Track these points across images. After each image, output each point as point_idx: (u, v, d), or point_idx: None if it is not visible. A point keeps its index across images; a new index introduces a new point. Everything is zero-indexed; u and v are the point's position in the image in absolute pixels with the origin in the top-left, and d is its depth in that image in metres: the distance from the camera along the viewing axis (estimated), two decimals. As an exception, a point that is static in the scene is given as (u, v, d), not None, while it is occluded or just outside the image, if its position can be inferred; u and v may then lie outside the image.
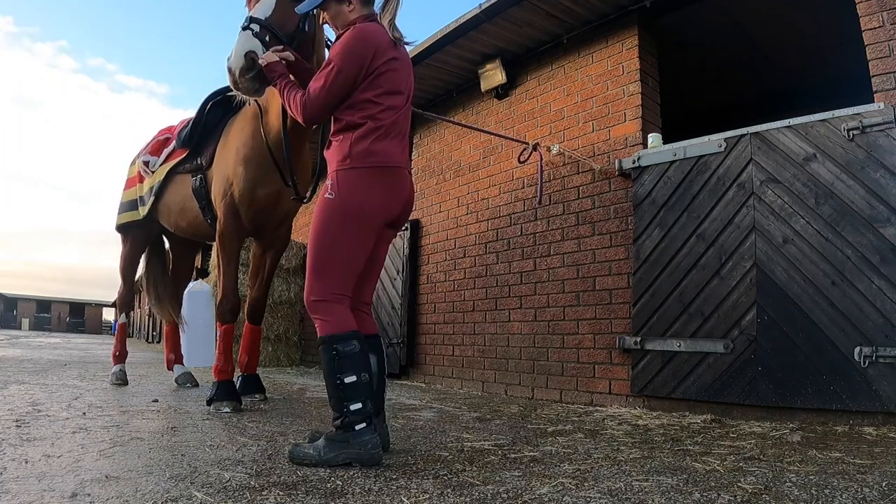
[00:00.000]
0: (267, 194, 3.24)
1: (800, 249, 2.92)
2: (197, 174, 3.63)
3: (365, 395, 1.97)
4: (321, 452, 1.91)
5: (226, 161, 3.37)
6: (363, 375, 1.98)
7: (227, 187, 3.30)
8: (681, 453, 2.15)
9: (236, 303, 3.36)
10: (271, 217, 3.40)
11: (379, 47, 2.09)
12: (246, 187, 3.21)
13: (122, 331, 4.64)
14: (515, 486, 1.67)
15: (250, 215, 3.30)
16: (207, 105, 3.69)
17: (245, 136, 3.28)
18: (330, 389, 2.01)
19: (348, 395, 1.95)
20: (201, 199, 3.61)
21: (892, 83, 2.81)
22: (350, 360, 1.97)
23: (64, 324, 46.77)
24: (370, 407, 1.98)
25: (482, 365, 4.59)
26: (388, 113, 2.11)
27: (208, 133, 3.66)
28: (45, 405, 3.15)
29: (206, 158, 3.58)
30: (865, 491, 1.58)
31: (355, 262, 2.09)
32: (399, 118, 2.17)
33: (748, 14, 4.18)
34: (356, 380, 1.96)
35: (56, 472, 1.74)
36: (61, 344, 14.18)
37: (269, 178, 3.20)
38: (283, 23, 2.51)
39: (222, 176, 3.37)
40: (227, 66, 2.42)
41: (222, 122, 3.62)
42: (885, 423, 2.58)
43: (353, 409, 1.93)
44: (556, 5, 3.88)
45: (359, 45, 2.07)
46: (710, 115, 5.72)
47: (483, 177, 4.87)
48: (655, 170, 3.55)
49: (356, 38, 2.08)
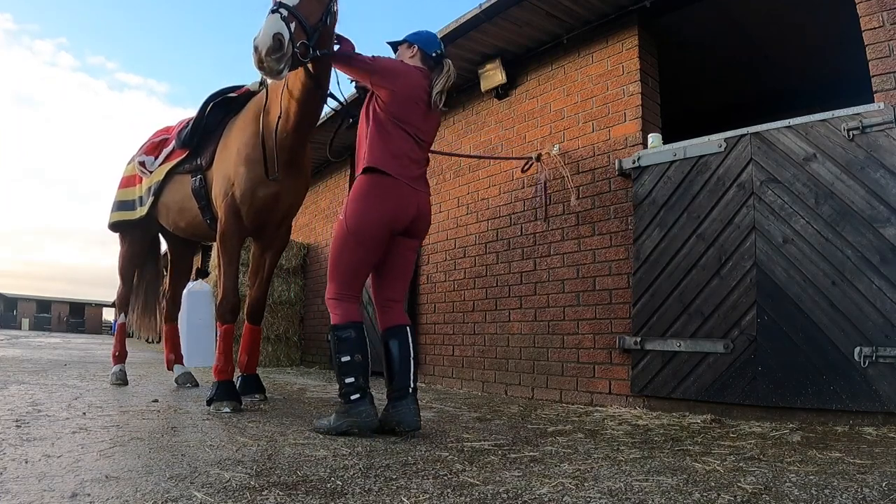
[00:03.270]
0: (267, 194, 3.26)
1: (800, 249, 2.92)
2: (196, 174, 3.65)
3: (358, 372, 2.44)
4: (331, 422, 2.46)
5: (227, 162, 3.38)
6: (356, 356, 2.46)
7: (229, 188, 3.31)
8: (681, 453, 2.15)
9: (236, 303, 3.37)
10: (271, 217, 3.41)
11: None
12: (247, 187, 3.23)
13: (122, 331, 4.64)
14: (515, 486, 1.67)
15: (251, 215, 3.31)
16: (208, 106, 3.70)
17: (247, 136, 3.29)
18: (334, 367, 2.54)
19: (344, 371, 2.46)
20: (201, 200, 3.63)
21: (892, 83, 2.80)
22: (346, 343, 2.47)
23: (64, 324, 46.74)
24: (363, 381, 2.44)
25: (482, 365, 4.59)
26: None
27: (209, 134, 3.68)
28: (45, 405, 3.15)
29: (206, 159, 3.60)
30: (865, 491, 1.58)
31: (357, 269, 2.56)
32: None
33: (748, 14, 4.18)
34: (350, 359, 2.45)
35: (56, 472, 1.74)
36: (61, 344, 14.18)
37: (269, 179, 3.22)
38: (308, 13, 2.57)
39: (223, 176, 3.38)
40: (255, 44, 2.45)
41: (223, 123, 3.63)
42: (885, 423, 2.58)
43: (348, 382, 2.43)
44: (556, 5, 3.88)
45: None
46: (710, 115, 5.72)
47: (483, 177, 4.87)
48: (655, 170, 3.55)
49: None
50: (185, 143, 3.76)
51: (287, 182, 3.28)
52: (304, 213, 8.16)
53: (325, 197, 7.51)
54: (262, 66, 2.47)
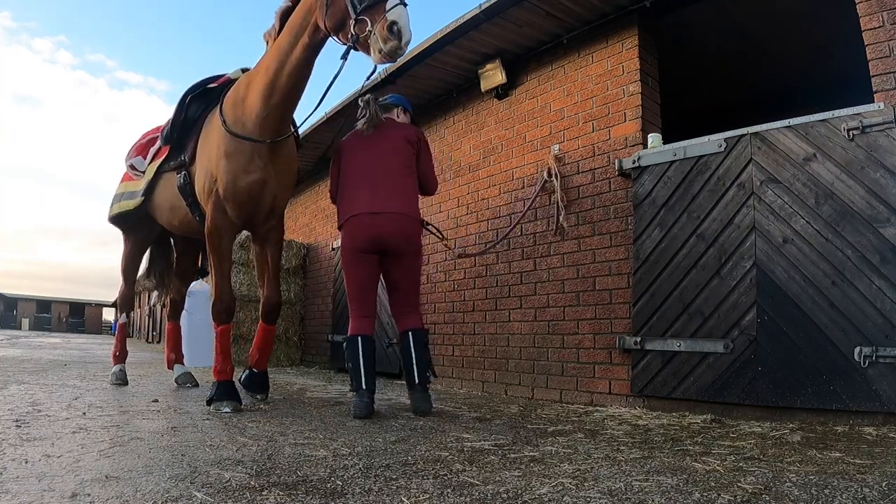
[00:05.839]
0: (252, 183, 3.18)
1: (800, 249, 2.92)
2: (181, 171, 3.57)
3: (352, 375, 3.08)
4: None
5: (208, 156, 3.30)
6: (348, 363, 3.12)
7: (212, 184, 3.23)
8: (681, 453, 2.15)
9: (231, 303, 3.32)
10: (258, 207, 3.31)
11: None
12: (230, 180, 3.15)
13: (123, 330, 4.61)
14: (515, 486, 1.67)
15: (237, 209, 3.23)
16: (187, 99, 3.61)
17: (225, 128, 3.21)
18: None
19: (350, 373, 3.11)
20: (187, 197, 3.54)
21: (892, 83, 2.80)
22: (350, 352, 3.12)
23: (64, 324, 46.74)
24: (356, 383, 3.05)
25: (482, 365, 4.59)
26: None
27: (189, 128, 3.59)
28: (45, 405, 3.15)
29: (189, 154, 3.51)
30: (865, 491, 1.58)
31: (357, 289, 3.22)
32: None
33: (748, 14, 4.18)
34: (351, 364, 3.10)
35: (56, 472, 1.74)
36: (61, 344, 14.18)
37: (252, 166, 3.16)
38: None
39: (205, 171, 3.29)
40: (398, 28, 2.57)
41: (203, 115, 3.54)
42: (885, 423, 2.58)
43: (352, 382, 3.09)
44: (556, 5, 3.88)
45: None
46: (710, 115, 5.72)
47: (483, 177, 4.87)
48: (655, 170, 3.55)
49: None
50: (166, 139, 3.69)
51: (271, 169, 3.21)
52: (304, 213, 8.16)
53: (324, 196, 7.51)
54: (398, 53, 2.62)
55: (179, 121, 3.62)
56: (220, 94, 3.45)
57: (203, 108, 3.58)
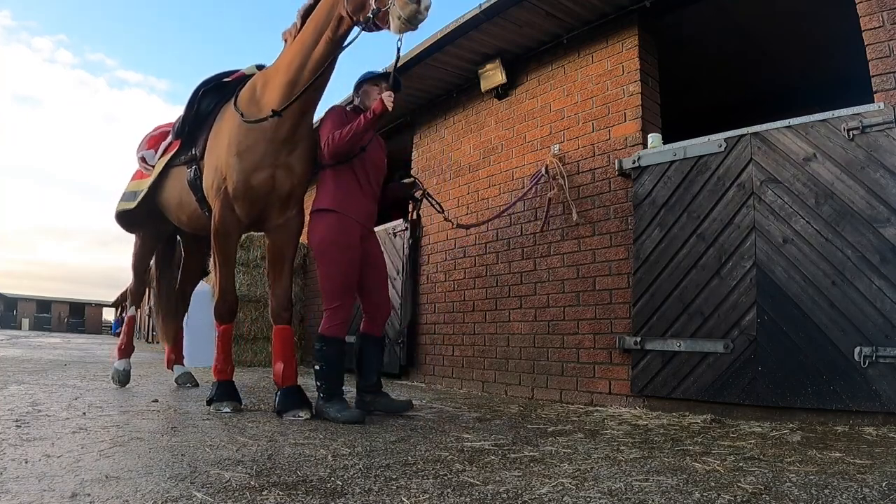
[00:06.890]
0: (262, 180, 3.11)
1: (800, 249, 2.92)
2: (192, 165, 3.50)
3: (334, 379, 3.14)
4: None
5: (218, 152, 3.24)
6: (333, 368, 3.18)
7: (221, 181, 3.16)
8: (681, 453, 2.15)
9: (234, 302, 3.31)
10: (269, 202, 3.21)
11: None
12: (240, 179, 3.08)
13: (131, 324, 4.49)
14: (515, 486, 1.67)
15: (247, 208, 3.16)
16: (199, 92, 3.56)
17: (238, 122, 3.14)
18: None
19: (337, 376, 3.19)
20: (197, 192, 3.45)
21: (892, 83, 2.80)
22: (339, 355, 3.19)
23: (64, 324, 46.75)
24: (333, 386, 3.11)
25: (482, 365, 4.59)
26: None
27: (201, 122, 3.53)
28: (45, 405, 3.15)
29: (200, 148, 3.45)
30: (865, 491, 1.58)
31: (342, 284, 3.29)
32: None
33: (748, 14, 4.18)
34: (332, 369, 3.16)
35: (56, 472, 1.74)
36: (61, 344, 14.18)
37: (263, 163, 3.10)
38: None
39: (214, 168, 3.23)
40: (427, 3, 2.58)
41: (215, 110, 3.48)
42: (885, 423, 2.58)
43: (328, 384, 3.12)
44: (556, 5, 3.88)
45: None
46: (710, 115, 5.72)
47: (483, 177, 4.87)
48: (655, 170, 3.55)
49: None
50: (178, 133, 3.64)
51: (284, 161, 3.12)
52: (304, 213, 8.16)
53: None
54: (418, 18, 2.57)
55: (191, 114, 3.56)
56: (235, 90, 3.38)
57: (216, 102, 3.51)
